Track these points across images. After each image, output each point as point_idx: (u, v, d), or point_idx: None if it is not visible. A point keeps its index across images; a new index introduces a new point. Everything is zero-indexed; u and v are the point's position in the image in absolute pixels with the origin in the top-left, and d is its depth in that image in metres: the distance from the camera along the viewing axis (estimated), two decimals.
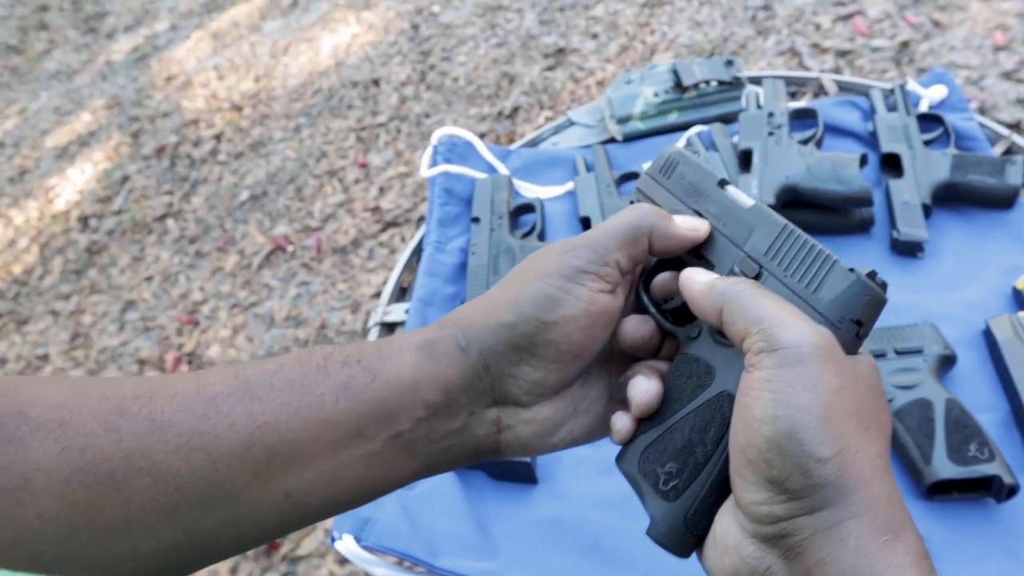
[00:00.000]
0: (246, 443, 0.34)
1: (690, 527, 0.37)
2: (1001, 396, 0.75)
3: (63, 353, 2.19)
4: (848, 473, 0.31)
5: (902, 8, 2.32)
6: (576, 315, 0.39)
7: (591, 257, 0.40)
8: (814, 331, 0.33)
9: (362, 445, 0.37)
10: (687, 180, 0.44)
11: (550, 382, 0.40)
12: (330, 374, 0.37)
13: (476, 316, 0.40)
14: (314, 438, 0.36)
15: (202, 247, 2.36)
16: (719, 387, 0.38)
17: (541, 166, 1.06)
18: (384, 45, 2.88)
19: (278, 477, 0.35)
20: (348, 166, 2.44)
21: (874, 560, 0.30)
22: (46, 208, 2.70)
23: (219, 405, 0.35)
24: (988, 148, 0.94)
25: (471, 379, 0.39)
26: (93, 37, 3.57)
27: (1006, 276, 0.83)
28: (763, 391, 0.32)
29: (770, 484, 0.31)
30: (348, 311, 2.03)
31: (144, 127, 2.90)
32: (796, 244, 0.38)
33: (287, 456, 0.35)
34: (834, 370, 0.32)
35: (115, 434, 0.33)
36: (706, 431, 0.37)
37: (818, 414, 0.31)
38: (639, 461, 0.40)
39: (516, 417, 0.41)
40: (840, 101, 1.02)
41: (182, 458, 0.33)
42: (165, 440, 0.33)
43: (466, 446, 0.40)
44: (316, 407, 0.36)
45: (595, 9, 2.69)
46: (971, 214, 0.90)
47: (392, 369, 0.38)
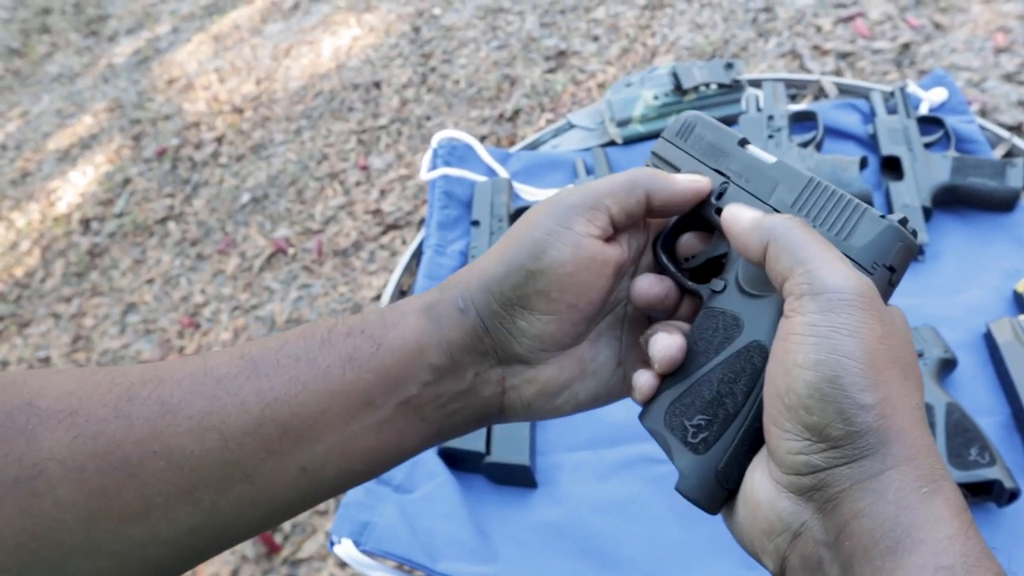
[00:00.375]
0: (257, 420, 0.34)
1: (721, 480, 0.36)
2: (1002, 400, 0.75)
3: (64, 356, 2.19)
4: (889, 422, 0.30)
5: (903, 10, 2.31)
6: (563, 260, 0.38)
7: (580, 199, 0.40)
8: (858, 277, 0.32)
9: (372, 414, 0.37)
10: (706, 141, 0.44)
11: (550, 335, 0.39)
12: (335, 346, 0.37)
13: (472, 276, 0.40)
14: (324, 410, 0.36)
15: (203, 250, 2.36)
16: (748, 337, 0.37)
17: (541, 169, 1.06)
18: (385, 47, 2.88)
19: (291, 452, 0.35)
20: (349, 168, 2.44)
21: (914, 511, 0.29)
22: (48, 211, 2.70)
23: (227, 385, 0.35)
24: (989, 151, 0.94)
25: (472, 340, 0.39)
26: (95, 40, 3.58)
27: (1007, 279, 0.83)
28: (806, 336, 0.31)
29: (809, 432, 0.31)
30: (349, 314, 2.03)
31: (145, 130, 2.90)
32: (824, 194, 0.38)
33: (299, 431, 0.35)
34: (877, 318, 0.32)
35: (126, 420, 0.33)
36: (736, 382, 0.37)
37: (862, 360, 0.30)
38: (665, 416, 0.39)
39: (520, 376, 0.40)
40: (840, 104, 1.02)
41: (195, 439, 0.33)
42: (176, 423, 0.33)
43: (472, 408, 0.40)
44: (323, 380, 0.36)
45: (596, 11, 2.69)
46: (972, 217, 0.90)
47: (396, 336, 0.38)
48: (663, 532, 0.72)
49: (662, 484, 0.74)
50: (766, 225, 0.36)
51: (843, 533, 0.30)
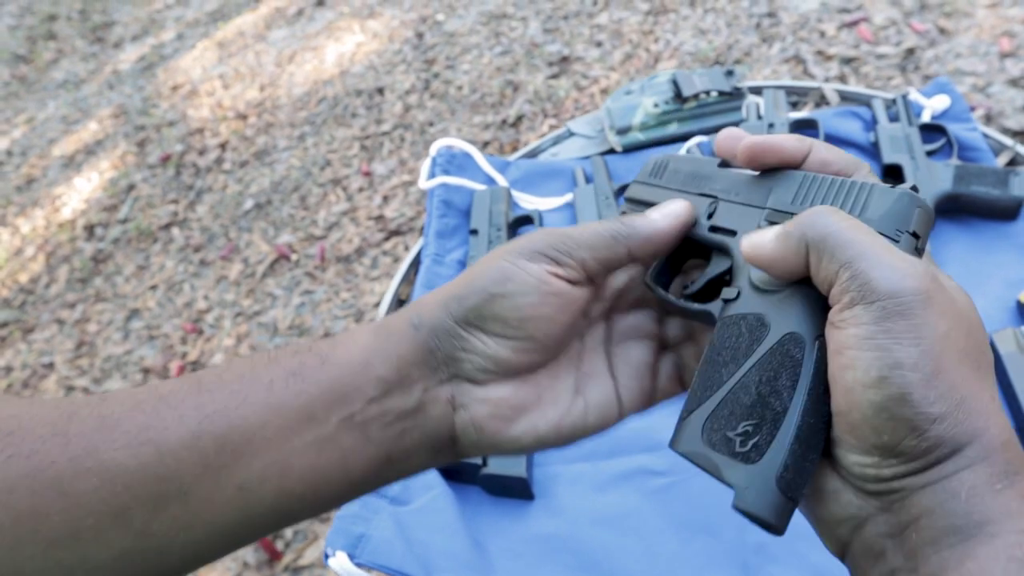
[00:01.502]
0: (194, 433, 0.34)
1: (783, 487, 0.32)
2: (1005, 411, 0.74)
3: (68, 362, 2.19)
4: (964, 427, 0.28)
5: (907, 15, 2.31)
6: (526, 290, 0.38)
7: (554, 244, 0.39)
8: (913, 270, 0.30)
9: (313, 429, 0.36)
10: (683, 172, 0.43)
11: (503, 359, 0.39)
12: (280, 362, 0.37)
13: (431, 297, 0.40)
14: (264, 423, 0.35)
15: (207, 256, 2.37)
16: (781, 331, 0.34)
17: (540, 177, 1.06)
18: (388, 54, 2.88)
19: (228, 468, 0.34)
20: (352, 175, 2.45)
21: (988, 507, 0.28)
22: (52, 217, 2.71)
23: (168, 400, 0.34)
24: (992, 159, 0.93)
25: (423, 354, 0.38)
26: (100, 47, 3.59)
27: (1010, 289, 0.82)
28: (863, 351, 0.29)
29: (879, 450, 0.29)
30: (351, 320, 2.03)
31: (150, 136, 2.91)
32: (824, 184, 0.36)
33: (237, 443, 0.34)
34: (939, 312, 0.29)
35: (63, 437, 0.32)
36: (777, 379, 0.34)
37: (928, 369, 0.28)
38: (702, 435, 0.36)
39: (470, 395, 0.39)
40: (841, 111, 1.01)
41: (130, 454, 0.32)
42: (113, 438, 0.32)
43: (422, 430, 0.39)
44: (265, 392, 0.35)
45: (599, 17, 2.69)
46: (974, 226, 0.89)
47: (343, 351, 0.38)
48: (661, 546, 0.71)
49: (660, 497, 0.74)
50: (797, 233, 0.33)
51: (910, 527, 0.29)
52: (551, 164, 1.07)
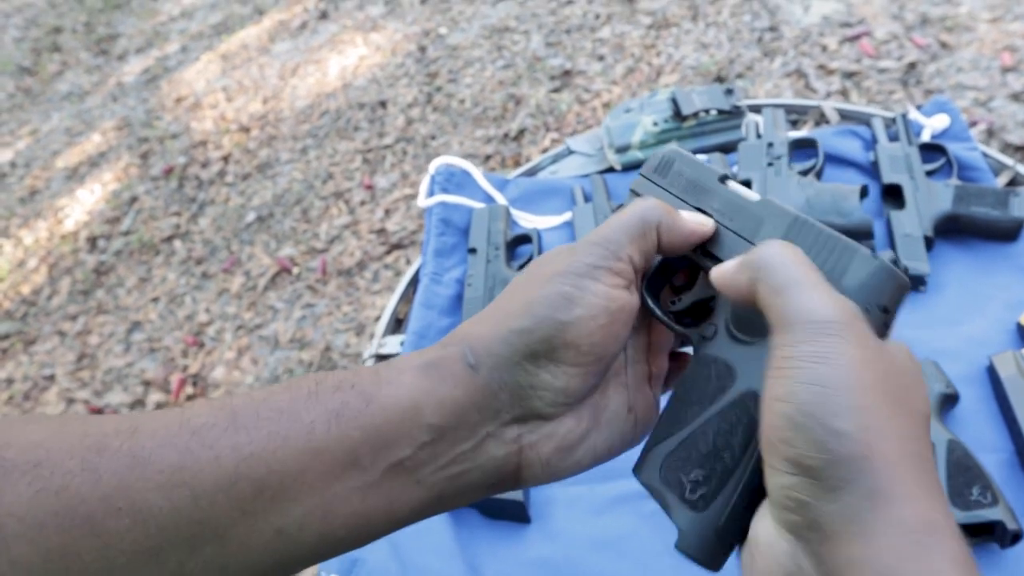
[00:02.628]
0: (231, 477, 0.32)
1: (722, 537, 0.35)
2: (1005, 436, 0.74)
3: (69, 374, 2.19)
4: (872, 451, 0.28)
5: (909, 29, 2.31)
6: (595, 313, 0.36)
7: (603, 253, 0.37)
8: (835, 303, 0.31)
9: (358, 476, 0.34)
10: (686, 177, 0.42)
11: (573, 388, 0.37)
12: (321, 400, 0.34)
13: (484, 329, 0.37)
14: (304, 469, 0.33)
15: (208, 268, 2.37)
16: (743, 386, 0.35)
17: (539, 196, 1.05)
18: (391, 67, 2.89)
19: (267, 512, 0.33)
20: (354, 188, 2.45)
21: (909, 565, 0.27)
22: (55, 228, 2.72)
23: (203, 437, 0.32)
24: (992, 178, 0.93)
25: (484, 397, 0.36)
26: (105, 59, 3.61)
27: (1010, 311, 0.82)
28: (783, 368, 0.30)
29: (791, 464, 0.29)
30: (353, 334, 2.03)
31: (153, 148, 2.92)
32: (811, 233, 0.36)
33: (276, 489, 0.33)
34: (856, 343, 0.30)
35: (93, 473, 0.31)
36: (732, 435, 0.35)
37: (840, 386, 0.29)
38: (660, 470, 0.37)
39: (538, 432, 0.37)
40: (841, 130, 1.01)
41: (164, 495, 0.31)
42: (146, 477, 0.31)
43: (482, 471, 0.37)
44: (306, 436, 0.33)
45: (601, 31, 2.70)
46: (974, 247, 0.88)
47: (389, 393, 0.35)
48: (657, 570, 0.70)
49: (656, 521, 0.73)
50: (750, 261, 0.34)
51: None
52: (550, 182, 1.07)
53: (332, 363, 1.98)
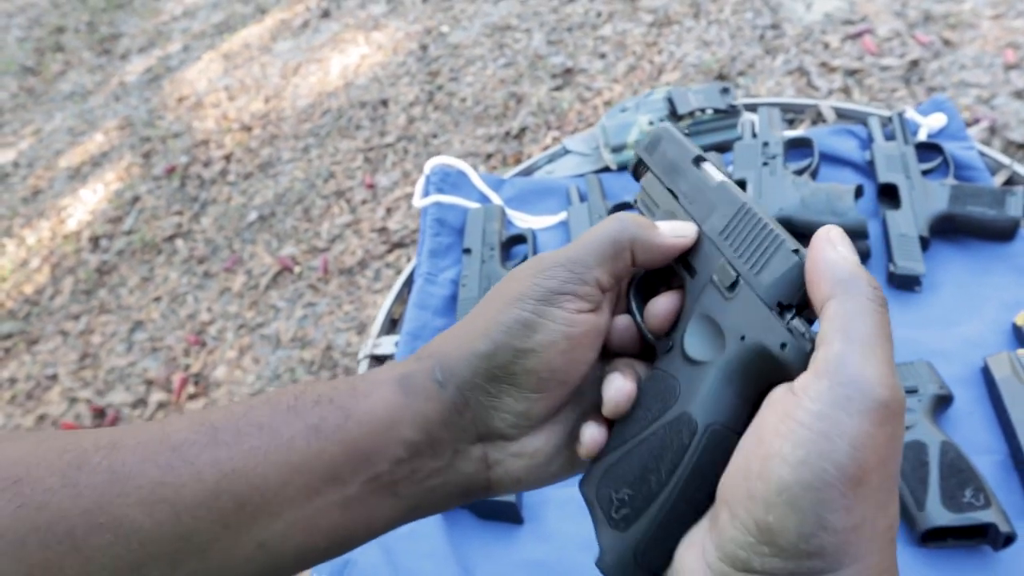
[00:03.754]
0: (213, 492, 0.32)
1: (640, 562, 0.34)
2: (999, 438, 0.73)
3: (72, 373, 2.20)
4: (849, 549, 0.27)
5: (912, 26, 2.30)
6: (555, 339, 0.36)
7: (567, 277, 0.37)
8: (893, 386, 0.28)
9: (338, 490, 0.34)
10: (668, 158, 0.42)
11: (535, 412, 0.37)
12: (300, 415, 0.35)
13: (451, 347, 0.38)
14: (285, 483, 0.33)
15: (210, 268, 2.37)
16: (680, 408, 0.34)
17: (535, 195, 1.05)
18: (393, 66, 2.89)
19: (248, 527, 0.33)
20: (356, 187, 2.45)
21: None
22: (58, 228, 2.72)
23: (184, 453, 0.33)
24: (988, 178, 0.92)
25: (451, 414, 0.37)
26: (107, 59, 3.62)
27: (1006, 311, 0.81)
28: (800, 424, 0.27)
29: (759, 530, 0.27)
30: (354, 332, 2.03)
31: (155, 148, 2.93)
32: (749, 223, 0.36)
33: (257, 505, 0.33)
34: (887, 437, 0.27)
35: (73, 489, 0.31)
36: (661, 457, 0.34)
37: (852, 478, 0.26)
38: (598, 484, 0.36)
39: (504, 451, 0.38)
40: (837, 129, 1.00)
41: (145, 511, 0.31)
42: (126, 493, 0.31)
43: (455, 485, 0.37)
44: (286, 451, 0.34)
45: (603, 29, 2.69)
46: (970, 246, 0.88)
47: (367, 407, 0.35)
48: None
49: None
50: (845, 278, 0.31)
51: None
52: (545, 182, 1.07)
53: (333, 362, 1.98)
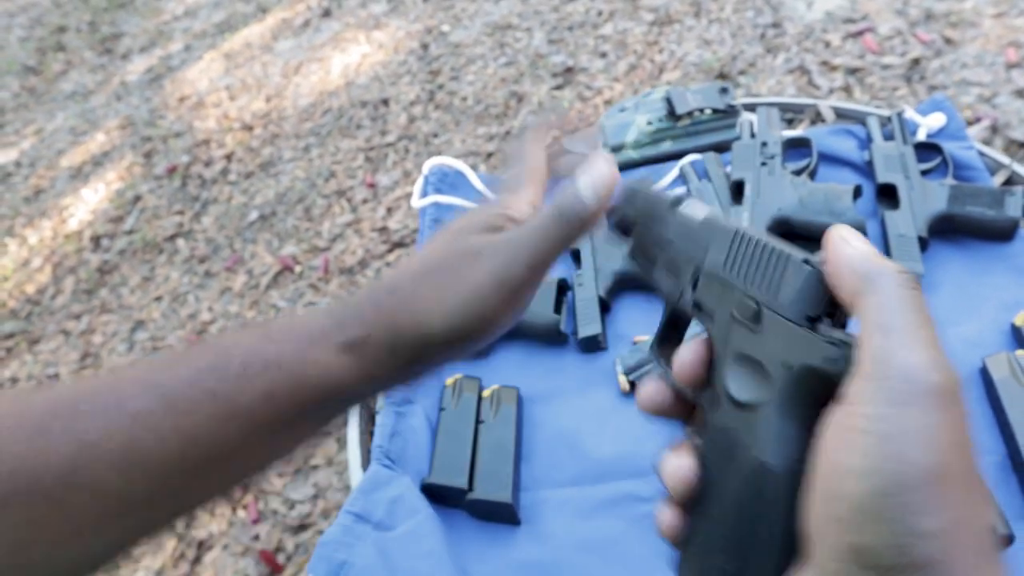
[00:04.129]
0: (179, 455, 0.35)
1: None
2: (998, 438, 0.73)
3: (73, 373, 2.20)
4: (955, 555, 0.24)
5: (913, 25, 2.29)
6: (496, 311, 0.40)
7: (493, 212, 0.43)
8: (943, 366, 0.27)
9: (292, 433, 0.39)
10: (646, 211, 0.42)
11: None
12: (252, 381, 0.37)
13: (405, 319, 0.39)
14: (245, 439, 0.37)
15: (211, 267, 2.37)
16: (751, 459, 0.31)
17: None
18: (394, 65, 2.89)
19: (215, 477, 0.37)
20: (356, 186, 2.45)
21: None
22: (59, 228, 2.73)
23: (144, 421, 0.35)
24: (987, 178, 0.92)
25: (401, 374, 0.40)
26: (109, 58, 3.62)
27: (1005, 312, 0.81)
28: (864, 432, 0.26)
29: (853, 553, 0.25)
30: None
31: (157, 147, 2.93)
32: (749, 248, 0.35)
33: (221, 458, 0.36)
34: (956, 419, 0.26)
35: (43, 455, 0.32)
36: (754, 517, 0.31)
37: (932, 473, 0.25)
38: (699, 567, 0.34)
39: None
40: (836, 129, 1.00)
41: (119, 473, 0.34)
42: (97, 457, 0.33)
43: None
44: (243, 418, 0.36)
45: (604, 28, 2.69)
46: (969, 247, 0.87)
47: (317, 376, 0.38)
48: (645, 573, 0.70)
49: (646, 524, 0.73)
50: (869, 272, 0.30)
51: None
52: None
53: None
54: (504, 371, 0.87)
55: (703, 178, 0.98)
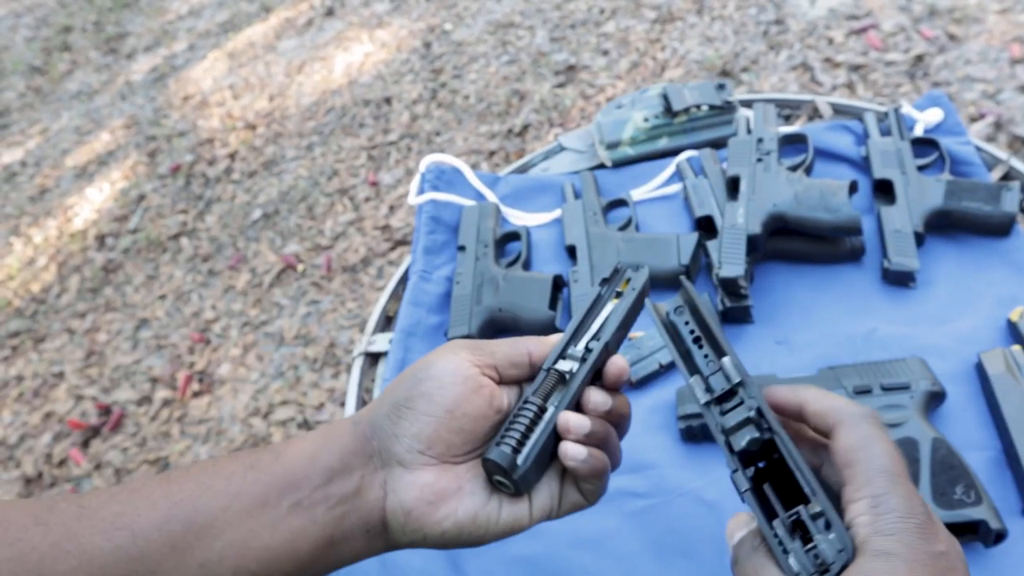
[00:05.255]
0: (164, 518, 0.39)
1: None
2: (992, 434, 0.73)
3: (78, 371, 2.21)
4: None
5: (917, 21, 2.28)
6: (449, 369, 0.45)
7: (470, 344, 0.48)
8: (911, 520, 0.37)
9: (267, 512, 0.42)
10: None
11: (426, 436, 0.44)
12: (240, 458, 0.43)
13: (372, 403, 0.48)
14: (224, 508, 0.40)
15: (215, 266, 2.38)
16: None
17: (530, 192, 1.05)
18: (396, 63, 2.90)
19: (193, 548, 0.39)
20: (359, 184, 2.45)
21: None
22: (64, 227, 2.74)
23: (140, 492, 0.40)
24: (985, 173, 0.91)
25: (361, 443, 0.45)
26: (114, 58, 3.63)
27: (1001, 307, 0.81)
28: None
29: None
30: (357, 330, 2.04)
31: (161, 146, 2.94)
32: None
33: (200, 526, 0.40)
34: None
35: (44, 527, 0.37)
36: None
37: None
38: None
39: (400, 480, 0.45)
40: (833, 125, 1.00)
41: (106, 537, 0.37)
42: (91, 524, 0.38)
43: (359, 513, 0.44)
44: (226, 482, 0.41)
45: (606, 26, 2.68)
46: (966, 242, 0.87)
47: (294, 447, 0.45)
48: (639, 569, 0.70)
49: (639, 519, 0.73)
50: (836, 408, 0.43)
51: None
52: (540, 179, 1.06)
53: (336, 359, 1.98)
54: None
55: (699, 174, 0.98)
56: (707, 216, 0.92)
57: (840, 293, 0.85)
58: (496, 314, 0.88)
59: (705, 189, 0.94)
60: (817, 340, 0.81)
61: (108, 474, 1.91)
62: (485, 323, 0.88)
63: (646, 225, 0.97)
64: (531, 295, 0.88)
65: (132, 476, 1.89)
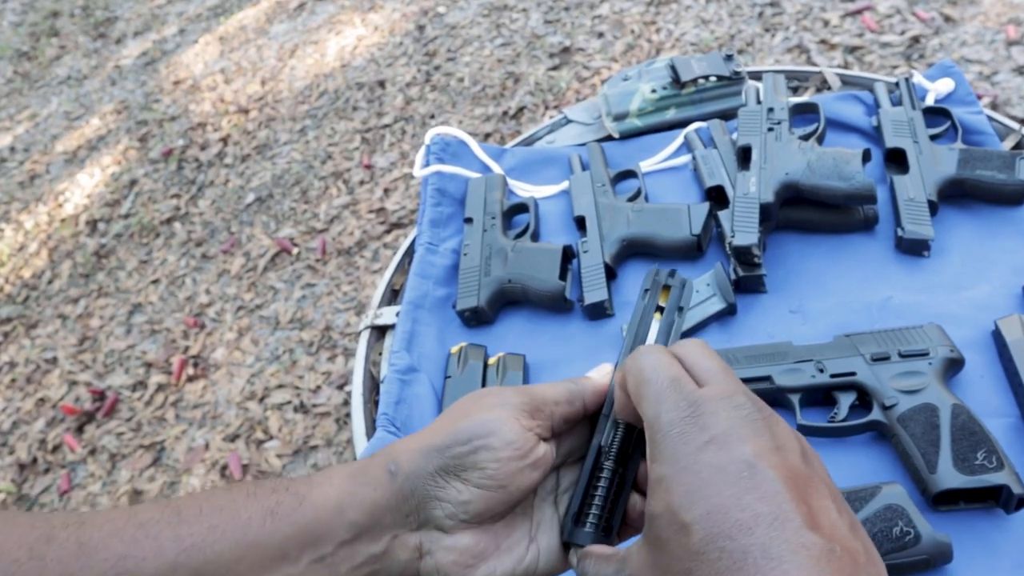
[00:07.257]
0: (171, 566, 0.35)
1: None
2: (1011, 400, 0.72)
3: (71, 357, 2.19)
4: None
5: (912, 3, 2.28)
6: (510, 441, 0.40)
7: (527, 400, 0.42)
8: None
9: (285, 568, 0.38)
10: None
11: (474, 508, 0.40)
12: (258, 499, 0.38)
13: (410, 443, 0.42)
14: (239, 559, 0.36)
15: (208, 250, 2.36)
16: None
17: (536, 165, 1.04)
18: (389, 46, 2.87)
19: None
20: (353, 168, 2.43)
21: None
22: (56, 212, 2.71)
23: (148, 529, 0.36)
24: (997, 142, 0.91)
25: (397, 500, 0.40)
26: (103, 42, 3.59)
27: (1016, 275, 0.80)
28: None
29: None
30: (352, 313, 2.02)
31: (152, 131, 2.90)
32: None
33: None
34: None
35: (40, 561, 0.33)
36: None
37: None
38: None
39: (438, 543, 0.41)
40: (843, 95, 0.99)
41: None
42: (91, 565, 0.34)
43: (388, 573, 0.41)
44: (242, 529, 0.37)
45: (600, 8, 2.67)
46: (979, 211, 0.86)
47: (319, 494, 0.39)
48: None
49: None
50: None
51: None
52: (547, 151, 1.05)
53: (332, 342, 1.97)
54: (510, 338, 0.86)
55: (708, 145, 0.97)
56: (718, 187, 0.91)
57: (854, 262, 0.85)
58: (506, 285, 0.87)
59: (715, 159, 0.93)
60: (832, 308, 0.81)
61: (103, 459, 1.89)
62: (494, 294, 0.87)
63: (655, 196, 0.96)
64: (541, 266, 0.86)
65: (133, 479, 1.87)
